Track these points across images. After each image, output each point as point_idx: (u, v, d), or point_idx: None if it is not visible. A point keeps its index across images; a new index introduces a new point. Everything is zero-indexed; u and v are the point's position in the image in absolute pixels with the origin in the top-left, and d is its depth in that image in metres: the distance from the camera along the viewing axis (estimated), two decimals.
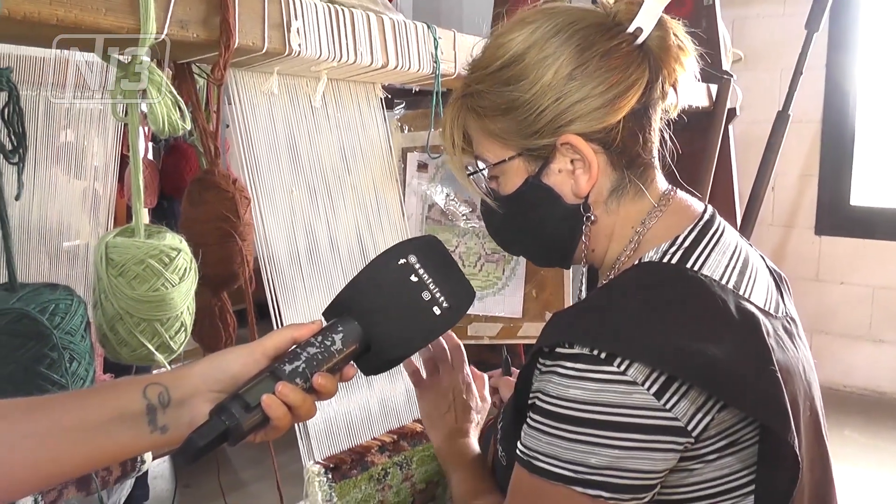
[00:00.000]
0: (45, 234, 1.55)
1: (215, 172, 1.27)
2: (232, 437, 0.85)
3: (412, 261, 0.97)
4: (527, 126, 1.01)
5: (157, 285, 1.13)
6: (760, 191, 2.70)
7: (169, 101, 1.12)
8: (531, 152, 1.02)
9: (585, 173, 1.01)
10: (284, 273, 1.38)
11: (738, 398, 0.89)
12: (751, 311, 0.95)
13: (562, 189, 1.03)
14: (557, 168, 1.02)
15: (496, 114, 1.03)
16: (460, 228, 1.85)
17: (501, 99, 1.02)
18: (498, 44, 1.03)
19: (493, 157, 1.06)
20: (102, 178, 1.67)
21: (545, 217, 1.06)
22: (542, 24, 1.01)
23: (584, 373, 0.89)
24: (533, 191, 1.04)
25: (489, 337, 1.89)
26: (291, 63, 1.33)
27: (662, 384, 0.87)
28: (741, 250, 1.05)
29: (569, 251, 1.09)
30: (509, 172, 1.05)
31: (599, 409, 0.88)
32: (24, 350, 1.03)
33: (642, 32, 1.00)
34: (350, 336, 0.93)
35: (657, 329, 0.90)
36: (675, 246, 1.00)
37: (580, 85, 0.98)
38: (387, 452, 1.45)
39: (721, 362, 0.88)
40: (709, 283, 0.96)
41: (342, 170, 1.51)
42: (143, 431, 0.84)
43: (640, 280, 0.98)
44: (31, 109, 1.49)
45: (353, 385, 1.47)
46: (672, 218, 1.04)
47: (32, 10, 0.95)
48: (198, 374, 0.88)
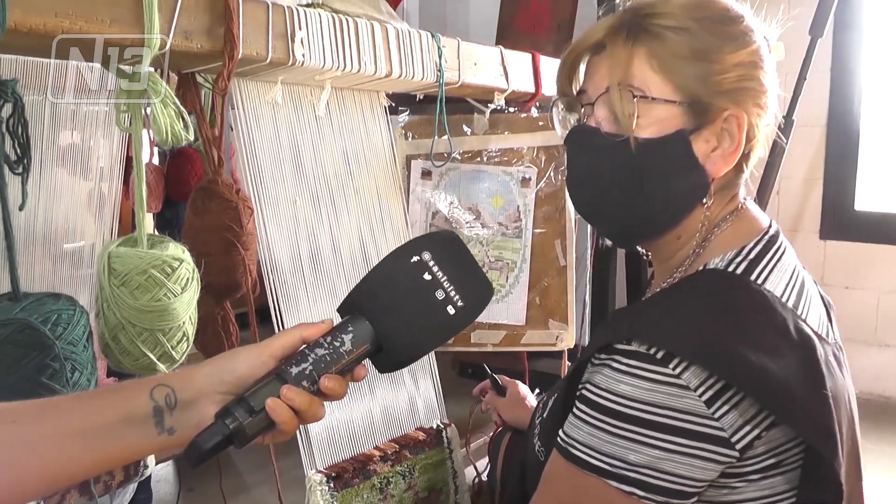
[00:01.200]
0: (50, 236, 1.55)
1: (219, 182, 1.27)
2: (236, 441, 0.84)
3: (426, 258, 0.93)
4: (714, 82, 0.98)
5: (160, 295, 1.14)
6: (765, 195, 2.69)
7: (172, 112, 1.13)
8: (698, 107, 0.98)
9: (725, 155, 1.00)
10: (287, 281, 1.38)
11: (791, 416, 0.88)
12: (808, 332, 0.95)
13: (700, 159, 1.00)
14: (707, 137, 0.99)
15: (689, 55, 0.98)
16: (464, 236, 1.85)
17: (707, 44, 0.98)
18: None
19: (653, 91, 0.99)
20: (108, 179, 1.67)
21: (675, 179, 1.01)
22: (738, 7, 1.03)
23: (638, 370, 0.89)
24: (679, 146, 0.99)
25: (492, 344, 1.89)
26: (295, 72, 1.34)
27: (716, 392, 0.87)
28: (799, 272, 1.04)
29: (668, 225, 1.04)
30: (659, 115, 0.99)
31: (647, 408, 0.88)
32: (26, 360, 1.03)
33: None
34: (360, 336, 0.90)
35: (718, 335, 0.89)
36: (740, 256, 0.99)
37: (762, 75, 1.01)
38: (389, 461, 1.45)
39: (778, 377, 0.87)
40: (772, 299, 0.95)
41: (346, 177, 1.52)
42: (151, 433, 0.84)
43: (706, 285, 0.98)
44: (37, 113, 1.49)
45: (356, 394, 1.47)
46: (740, 227, 1.04)
47: (38, 22, 0.96)
48: (205, 375, 0.87)
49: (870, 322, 3.32)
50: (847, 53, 3.23)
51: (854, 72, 3.25)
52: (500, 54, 1.77)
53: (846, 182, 3.33)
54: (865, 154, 3.29)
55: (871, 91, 3.27)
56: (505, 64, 1.77)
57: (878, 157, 3.30)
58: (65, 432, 0.82)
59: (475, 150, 1.87)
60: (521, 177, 1.87)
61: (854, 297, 3.34)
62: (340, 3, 1.45)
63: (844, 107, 3.27)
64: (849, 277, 3.35)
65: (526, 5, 3.24)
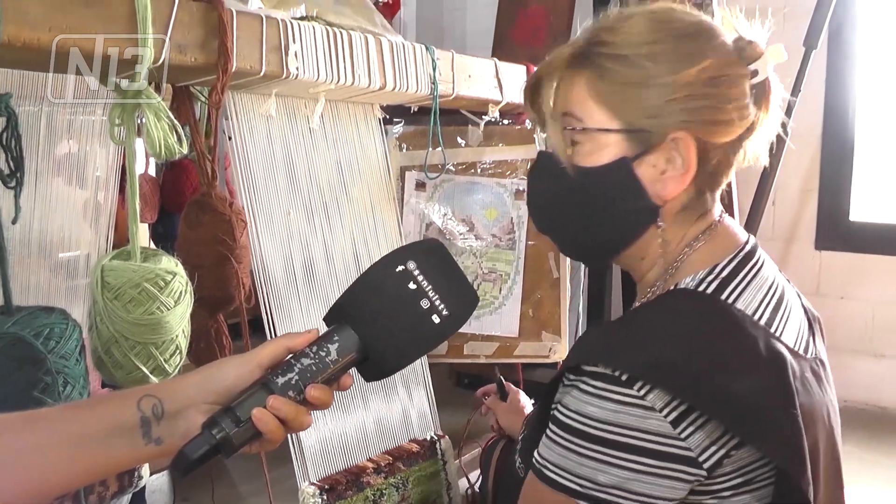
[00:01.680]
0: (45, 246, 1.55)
1: (212, 195, 1.28)
2: (223, 451, 0.85)
3: (411, 267, 0.94)
4: (650, 107, 0.98)
5: (153, 309, 1.14)
6: (761, 205, 2.70)
7: (166, 125, 1.13)
8: (638, 134, 0.99)
9: (676, 178, 0.99)
10: (280, 293, 1.39)
11: (756, 437, 0.88)
12: (779, 350, 0.94)
13: (647, 185, 1.00)
14: (653, 162, 0.99)
15: (624, 83, 0.99)
16: (458, 247, 1.85)
17: (640, 72, 0.98)
18: (658, 18, 1.01)
19: (591, 122, 1.00)
20: (104, 188, 1.67)
21: (618, 204, 1.02)
22: (701, 21, 1.02)
23: (604, 392, 0.90)
24: (621, 173, 1.00)
25: (485, 356, 1.89)
26: (289, 85, 1.34)
27: (681, 413, 0.87)
28: (777, 286, 1.03)
29: (619, 248, 1.06)
30: (601, 144, 1.00)
31: (614, 430, 0.89)
32: (18, 374, 1.03)
33: (756, 76, 1.00)
34: (346, 346, 0.91)
35: (682, 357, 0.90)
36: (712, 275, 0.99)
37: (716, 93, 0.98)
38: (382, 473, 1.45)
39: (743, 398, 0.88)
40: (740, 318, 0.95)
41: (339, 189, 1.52)
42: (138, 443, 0.84)
43: (672, 306, 0.98)
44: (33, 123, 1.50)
45: (349, 405, 1.47)
46: (714, 245, 1.03)
47: (32, 37, 0.97)
48: (192, 385, 0.88)
49: (865, 332, 3.32)
50: (842, 65, 3.24)
51: (849, 83, 3.25)
52: (494, 66, 1.77)
53: (841, 193, 3.33)
54: (860, 165, 3.30)
55: (866, 102, 3.27)
56: (499, 76, 1.78)
57: (873, 168, 3.31)
58: (52, 442, 0.82)
59: (469, 162, 1.88)
60: (515, 189, 1.88)
61: (849, 308, 3.34)
62: (334, 16, 1.46)
63: (839, 118, 3.28)
64: (844, 288, 3.35)
65: (523, 17, 3.25)
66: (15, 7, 0.94)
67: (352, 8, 1.55)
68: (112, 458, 0.84)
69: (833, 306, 3.36)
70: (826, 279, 3.39)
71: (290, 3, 1.40)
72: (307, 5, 1.42)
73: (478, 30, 3.87)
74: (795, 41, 2.65)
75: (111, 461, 0.85)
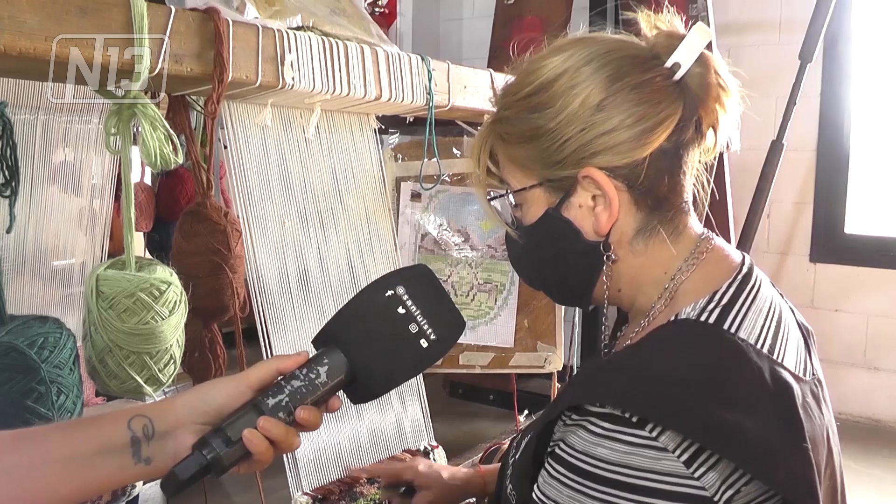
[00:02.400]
0: (40, 254, 1.55)
1: (207, 205, 1.28)
2: (214, 471, 0.86)
3: (400, 292, 0.97)
4: (549, 155, 0.98)
5: (147, 318, 1.14)
6: (755, 218, 2.70)
7: (161, 135, 1.13)
8: (552, 183, 0.99)
9: (606, 210, 0.98)
10: (275, 303, 1.39)
11: (769, 475, 0.86)
12: (785, 380, 0.92)
13: (582, 224, 1.00)
14: (578, 202, 0.99)
15: (521, 140, 1.00)
16: (453, 258, 1.86)
17: (527, 125, 0.99)
18: (529, 70, 1.01)
19: (515, 184, 1.03)
20: (100, 196, 1.67)
21: (563, 251, 1.03)
22: (576, 52, 0.98)
23: (614, 433, 0.87)
24: (552, 223, 1.01)
25: (480, 366, 1.89)
26: (285, 95, 1.34)
27: (693, 453, 0.85)
28: (776, 307, 1.01)
29: (586, 290, 1.05)
30: (530, 201, 1.02)
31: (627, 472, 0.86)
32: (11, 383, 1.03)
33: (680, 68, 0.97)
34: (335, 368, 0.93)
35: (692, 396, 0.87)
36: (713, 303, 0.96)
37: (607, 116, 0.95)
38: (376, 483, 1.45)
39: (754, 436, 0.86)
40: (745, 349, 0.93)
41: (335, 199, 1.52)
42: (128, 463, 0.85)
43: (677, 339, 0.95)
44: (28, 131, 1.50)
45: (343, 416, 1.47)
46: (710, 269, 1.01)
47: (28, 46, 0.97)
48: (182, 405, 0.89)
49: (859, 345, 3.32)
50: (837, 78, 3.25)
51: (844, 96, 3.27)
52: (490, 77, 1.78)
53: (836, 206, 3.34)
54: (855, 178, 3.31)
55: (861, 115, 3.28)
56: (495, 87, 1.78)
57: (868, 181, 3.32)
58: (42, 461, 0.82)
59: (464, 173, 1.88)
60: None
61: (843, 320, 3.35)
62: (330, 27, 1.46)
63: (834, 131, 3.29)
64: (838, 300, 3.36)
65: (518, 28, 3.26)
66: (11, 17, 0.94)
67: (348, 18, 1.55)
68: (100, 477, 0.85)
69: (827, 319, 3.37)
70: (820, 292, 3.40)
71: (286, 13, 1.40)
72: (303, 16, 1.42)
73: (474, 40, 3.89)
74: (791, 54, 2.66)
75: (99, 481, 0.85)
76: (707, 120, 1.00)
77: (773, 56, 3.25)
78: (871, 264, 3.27)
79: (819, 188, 3.35)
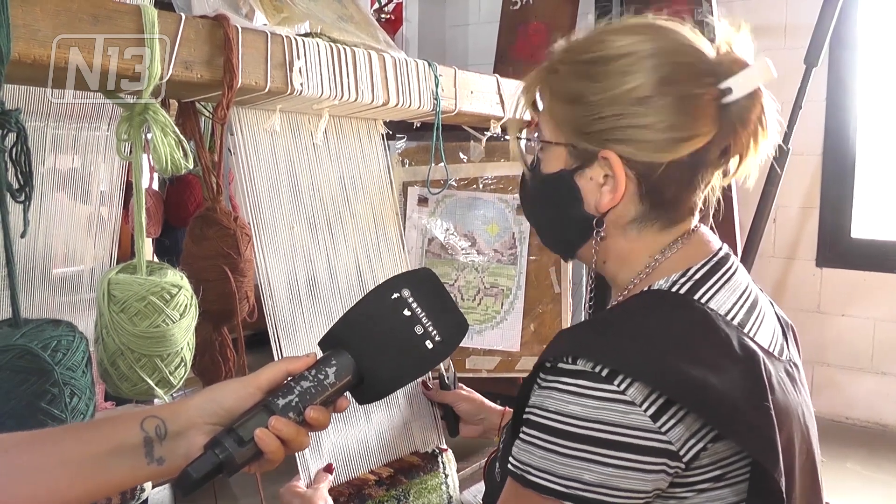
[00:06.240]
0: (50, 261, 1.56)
1: (217, 209, 1.29)
2: (226, 471, 0.87)
3: (406, 295, 1.00)
4: (582, 125, 1.02)
5: (158, 322, 1.15)
6: (761, 223, 2.71)
7: (172, 141, 1.15)
8: (576, 150, 1.04)
9: (611, 192, 1.02)
10: (285, 307, 1.39)
11: (731, 429, 0.90)
12: (752, 348, 0.96)
13: (586, 196, 1.04)
14: (590, 175, 1.03)
15: (563, 99, 1.04)
16: (459, 262, 1.87)
17: (573, 88, 1.03)
18: (599, 38, 1.03)
19: (547, 134, 1.08)
20: (108, 203, 1.68)
21: (562, 211, 1.08)
22: (646, 39, 1.00)
23: (585, 389, 0.90)
24: (562, 183, 1.06)
25: (487, 370, 1.90)
26: (294, 101, 1.36)
27: (660, 406, 0.89)
28: (751, 292, 1.05)
29: (570, 248, 1.12)
30: (552, 156, 1.07)
31: (597, 427, 0.89)
32: (26, 386, 1.04)
33: (730, 94, 0.98)
34: (343, 369, 0.96)
35: (659, 351, 0.91)
36: (685, 277, 1.01)
37: (645, 112, 0.98)
38: (384, 485, 1.46)
39: (719, 392, 0.89)
40: (713, 316, 0.97)
41: (343, 204, 1.53)
42: (141, 463, 0.86)
43: (648, 304, 1.00)
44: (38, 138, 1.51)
45: (351, 418, 1.48)
46: (688, 251, 1.05)
47: (42, 53, 0.98)
48: (194, 407, 0.90)
49: (866, 350, 3.32)
50: (842, 82, 3.25)
51: (849, 100, 3.27)
52: (496, 83, 1.79)
53: (842, 210, 3.34)
54: (861, 182, 3.31)
55: (867, 119, 3.29)
56: (501, 92, 1.79)
57: (874, 185, 3.32)
58: (56, 462, 0.83)
59: (471, 178, 1.90)
60: (517, 204, 1.89)
61: (850, 325, 3.35)
62: (338, 33, 1.47)
63: (840, 135, 3.29)
64: (845, 305, 3.35)
65: (524, 33, 3.28)
66: (25, 24, 0.95)
67: (355, 25, 1.56)
68: (113, 477, 0.86)
69: (834, 324, 3.36)
70: (827, 297, 3.40)
71: (294, 20, 1.42)
72: (311, 22, 1.43)
73: (480, 46, 3.90)
74: (796, 59, 2.67)
75: (113, 481, 0.86)
76: (735, 149, 1.03)
77: (778, 61, 3.25)
78: (877, 269, 3.27)
79: (825, 192, 3.35)
